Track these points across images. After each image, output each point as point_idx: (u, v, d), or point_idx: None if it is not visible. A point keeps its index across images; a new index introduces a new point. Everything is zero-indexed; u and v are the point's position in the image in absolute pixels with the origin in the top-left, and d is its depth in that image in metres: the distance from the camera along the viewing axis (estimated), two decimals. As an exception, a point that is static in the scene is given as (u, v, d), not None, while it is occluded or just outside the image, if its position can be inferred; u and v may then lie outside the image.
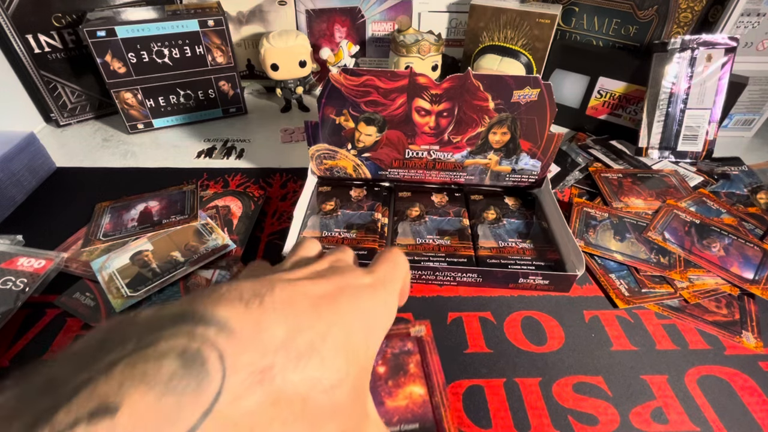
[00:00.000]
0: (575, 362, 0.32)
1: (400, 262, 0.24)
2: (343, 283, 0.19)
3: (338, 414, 0.16)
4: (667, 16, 0.52)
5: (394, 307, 0.22)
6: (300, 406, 0.14)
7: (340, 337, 0.17)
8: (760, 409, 0.29)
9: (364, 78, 0.37)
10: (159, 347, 0.13)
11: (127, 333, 0.14)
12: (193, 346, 0.13)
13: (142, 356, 0.12)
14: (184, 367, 0.12)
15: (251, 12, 0.61)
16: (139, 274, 0.37)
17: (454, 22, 0.65)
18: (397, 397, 0.29)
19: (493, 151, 0.42)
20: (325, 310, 0.17)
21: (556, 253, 0.38)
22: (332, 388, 0.16)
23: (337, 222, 0.41)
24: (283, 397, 0.14)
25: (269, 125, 0.60)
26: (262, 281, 0.17)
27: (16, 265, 0.36)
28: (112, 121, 0.61)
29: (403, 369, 0.30)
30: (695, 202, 0.46)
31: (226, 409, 0.12)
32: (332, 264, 0.22)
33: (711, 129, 0.51)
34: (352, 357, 0.17)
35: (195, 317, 0.14)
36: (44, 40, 0.53)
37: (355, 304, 0.19)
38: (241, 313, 0.15)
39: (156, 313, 0.15)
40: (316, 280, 0.19)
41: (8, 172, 0.44)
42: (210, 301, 0.15)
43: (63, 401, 0.11)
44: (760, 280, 0.37)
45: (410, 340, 0.32)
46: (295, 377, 0.14)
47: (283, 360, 0.14)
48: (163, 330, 0.13)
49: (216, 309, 0.15)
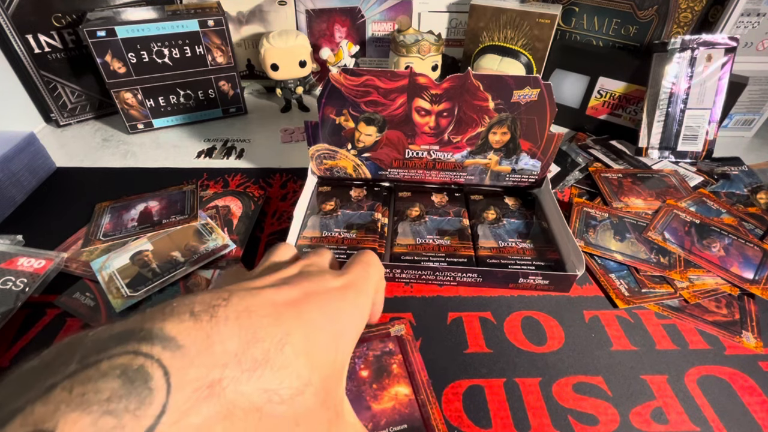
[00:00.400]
0: (575, 362, 0.32)
1: (373, 263, 0.24)
2: (310, 288, 0.19)
3: (303, 422, 0.16)
4: (667, 16, 0.52)
5: (367, 308, 0.22)
6: (255, 417, 0.14)
7: (301, 344, 0.16)
8: (760, 409, 0.29)
9: (364, 78, 0.37)
10: (100, 367, 0.12)
11: (72, 352, 0.13)
12: (136, 363, 0.13)
13: (82, 377, 0.12)
14: (124, 386, 0.12)
15: (251, 12, 0.61)
16: (139, 274, 0.37)
17: (454, 22, 0.65)
18: (382, 400, 0.28)
19: (493, 151, 0.42)
20: (286, 317, 0.17)
21: (556, 253, 0.38)
22: (292, 397, 0.15)
23: (337, 222, 0.41)
24: (236, 410, 0.14)
25: (269, 125, 0.60)
26: (219, 292, 0.17)
27: (16, 265, 0.36)
28: (112, 121, 0.61)
29: (387, 370, 0.30)
30: (695, 202, 0.46)
31: (172, 427, 0.12)
32: (302, 269, 0.22)
33: (711, 129, 0.51)
34: (316, 363, 0.17)
35: (141, 334, 0.14)
36: (44, 40, 0.53)
37: (322, 309, 0.19)
38: (190, 327, 0.14)
39: (104, 331, 0.14)
40: (281, 287, 0.19)
41: (8, 172, 0.44)
42: (159, 317, 0.15)
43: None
44: (760, 280, 0.37)
45: (391, 341, 0.32)
46: (249, 389, 0.14)
47: (234, 372, 0.14)
48: (107, 349, 0.13)
49: (164, 324, 0.14)
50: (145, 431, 0.12)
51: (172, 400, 0.12)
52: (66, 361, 0.13)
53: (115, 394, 0.12)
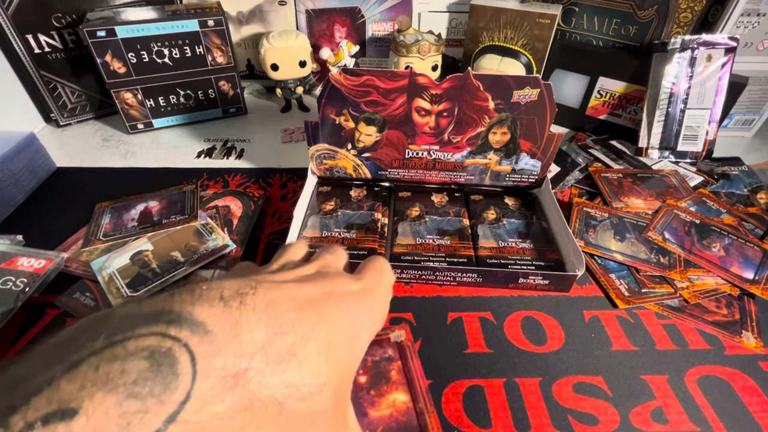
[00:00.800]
0: (575, 362, 0.32)
1: (386, 270, 0.24)
2: (329, 289, 0.19)
3: (317, 422, 0.15)
4: (667, 16, 0.52)
5: (380, 316, 0.22)
6: (276, 411, 0.14)
7: (323, 342, 0.16)
8: (760, 409, 0.29)
9: (364, 78, 0.37)
10: (128, 346, 0.12)
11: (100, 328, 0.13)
12: (164, 346, 0.12)
13: (109, 355, 0.12)
14: (151, 368, 0.12)
15: (251, 12, 0.61)
16: (139, 274, 0.37)
17: (454, 22, 0.65)
18: (380, 407, 0.28)
19: (493, 151, 0.42)
20: (309, 314, 0.17)
21: (556, 253, 0.38)
22: (312, 394, 0.15)
23: (337, 222, 0.41)
24: (257, 402, 0.13)
25: (269, 125, 0.60)
26: (247, 281, 0.16)
27: (16, 265, 0.36)
28: (112, 121, 0.61)
29: (385, 377, 0.30)
30: (695, 202, 0.46)
31: (194, 415, 0.12)
32: (319, 269, 0.22)
33: (711, 129, 0.51)
34: (334, 364, 0.16)
35: (170, 316, 0.13)
36: (44, 40, 0.53)
37: (341, 310, 0.18)
38: (220, 313, 0.14)
39: (134, 309, 0.14)
40: (302, 284, 0.19)
41: (8, 172, 0.44)
42: (188, 300, 0.14)
43: (21, 402, 0.11)
44: (760, 280, 0.37)
45: (390, 346, 0.32)
46: (273, 382, 0.14)
47: (261, 364, 0.14)
48: (135, 328, 0.13)
49: (193, 308, 0.14)
50: (168, 417, 0.11)
51: (197, 388, 0.12)
52: (93, 336, 0.13)
53: (141, 377, 0.11)
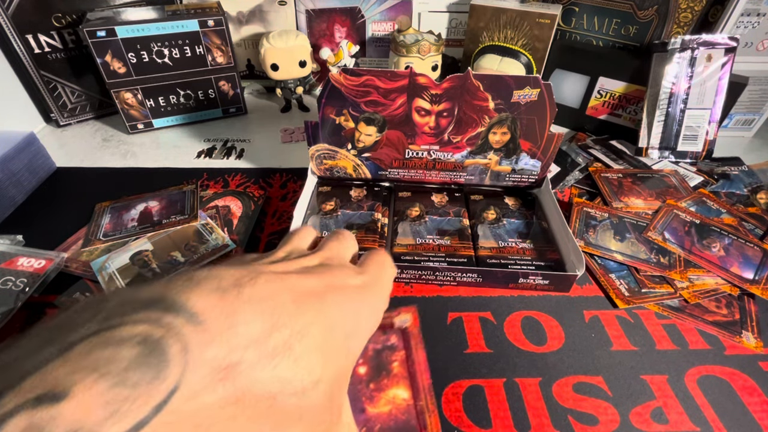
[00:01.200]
0: (575, 362, 0.32)
1: (388, 264, 0.23)
2: (331, 282, 0.19)
3: (306, 417, 0.15)
4: (667, 16, 0.52)
5: (380, 313, 0.21)
6: (267, 404, 0.14)
7: (318, 337, 0.16)
8: (760, 409, 0.29)
9: (364, 78, 0.37)
10: (121, 332, 0.12)
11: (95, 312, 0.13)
12: (157, 334, 0.12)
13: (102, 340, 0.12)
14: (143, 355, 0.12)
15: (251, 12, 0.61)
16: (139, 275, 0.37)
17: (454, 22, 0.65)
18: (379, 403, 0.26)
19: (493, 151, 0.42)
20: (308, 307, 0.16)
21: (556, 253, 0.38)
22: (305, 390, 0.15)
23: (337, 222, 0.41)
24: (249, 395, 0.13)
25: (269, 125, 0.60)
26: (247, 270, 0.16)
27: (16, 265, 0.36)
28: (112, 121, 0.61)
29: (386, 369, 0.27)
30: (695, 202, 0.46)
31: (183, 404, 0.12)
32: (323, 261, 0.21)
33: (711, 129, 0.51)
34: (329, 360, 0.16)
35: (166, 303, 0.13)
36: (44, 40, 0.53)
37: (341, 305, 0.18)
38: (216, 303, 0.14)
39: (130, 294, 0.14)
40: (304, 275, 0.18)
41: (8, 172, 0.44)
42: (186, 287, 0.14)
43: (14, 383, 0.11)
44: (760, 280, 0.37)
45: (394, 333, 0.29)
46: (265, 375, 0.14)
47: (254, 357, 0.14)
48: (130, 314, 0.13)
49: (190, 297, 0.14)
50: (156, 405, 0.11)
51: (187, 378, 0.12)
52: (89, 318, 0.13)
53: (132, 364, 0.12)
